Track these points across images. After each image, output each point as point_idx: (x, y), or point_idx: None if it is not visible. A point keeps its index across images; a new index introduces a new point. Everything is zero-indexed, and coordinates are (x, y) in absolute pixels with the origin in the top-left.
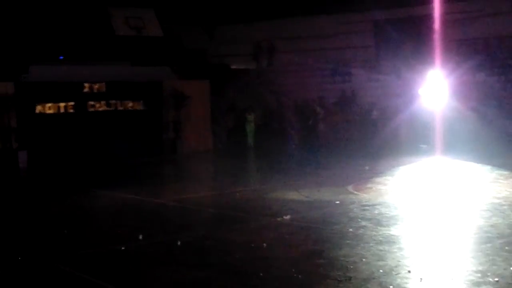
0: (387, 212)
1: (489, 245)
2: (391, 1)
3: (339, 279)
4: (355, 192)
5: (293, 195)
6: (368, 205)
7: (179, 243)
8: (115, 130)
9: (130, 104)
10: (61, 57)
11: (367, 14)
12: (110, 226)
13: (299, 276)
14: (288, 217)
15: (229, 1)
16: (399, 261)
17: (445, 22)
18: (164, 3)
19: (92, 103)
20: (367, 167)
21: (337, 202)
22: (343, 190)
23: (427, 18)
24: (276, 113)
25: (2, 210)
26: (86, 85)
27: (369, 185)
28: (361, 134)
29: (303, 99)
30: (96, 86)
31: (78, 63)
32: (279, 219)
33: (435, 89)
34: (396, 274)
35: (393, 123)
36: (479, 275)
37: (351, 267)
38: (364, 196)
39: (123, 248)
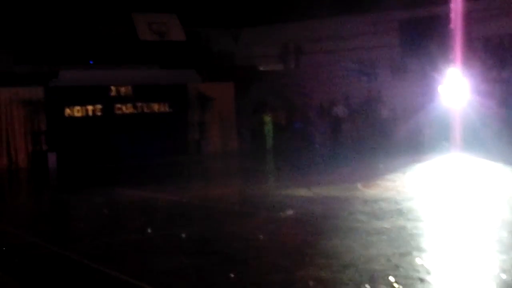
0: (386, 207)
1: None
2: (416, 0)
3: (321, 266)
4: (363, 188)
5: (303, 192)
6: (371, 201)
7: (183, 235)
8: (141, 132)
9: (156, 106)
10: (91, 62)
11: (392, 13)
12: (125, 220)
13: (287, 263)
14: (290, 212)
15: (255, 3)
16: (381, 250)
17: (469, 20)
18: (190, 7)
19: (119, 105)
20: (381, 165)
21: (342, 198)
22: (352, 187)
23: (452, 16)
24: (300, 114)
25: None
26: (113, 88)
27: (378, 182)
28: (383, 133)
29: (328, 99)
30: (122, 90)
31: (105, 68)
32: (281, 214)
33: (459, 87)
34: (375, 262)
35: (416, 121)
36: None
37: (336, 255)
38: (370, 192)
39: (133, 238)
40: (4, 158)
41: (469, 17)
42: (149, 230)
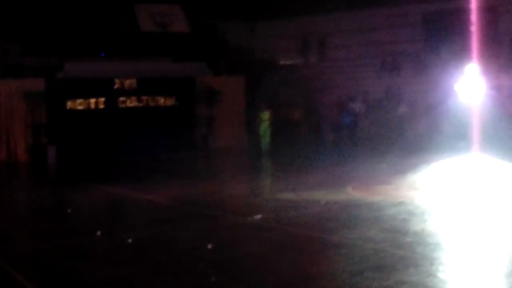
0: (364, 214)
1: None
2: None
3: (250, 283)
4: (352, 192)
5: (286, 194)
6: (352, 206)
7: (130, 240)
8: (146, 126)
9: (162, 100)
10: (103, 54)
11: (416, 6)
12: (83, 221)
13: (213, 278)
14: (259, 216)
15: None
16: (331, 267)
17: (496, 14)
18: None
19: (123, 99)
20: (385, 165)
21: (323, 202)
22: (341, 189)
23: (478, 9)
24: (314, 109)
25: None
26: (117, 81)
27: (371, 185)
28: (398, 130)
29: (346, 94)
30: (127, 82)
31: (113, 60)
32: (249, 218)
33: (480, 84)
34: (316, 281)
35: (433, 119)
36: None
37: (274, 271)
38: (356, 196)
39: (72, 243)
40: (3, 151)
41: (496, 11)
42: (98, 233)
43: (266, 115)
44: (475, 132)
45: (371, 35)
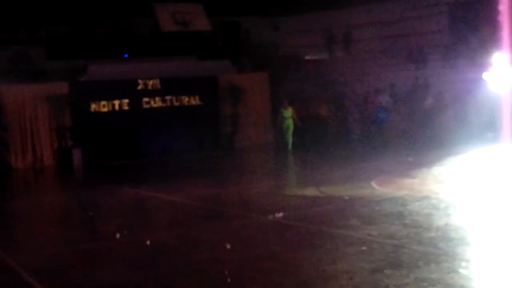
0: (387, 209)
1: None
2: None
3: (268, 285)
4: (376, 186)
5: (309, 190)
6: (375, 201)
7: (149, 242)
8: (170, 126)
9: (186, 99)
10: (126, 55)
11: None
12: (106, 224)
13: (234, 280)
14: (281, 214)
15: None
16: (350, 265)
17: None
18: None
19: (147, 99)
20: (410, 159)
21: (346, 198)
22: (366, 184)
23: None
24: (341, 104)
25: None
26: (140, 81)
27: (396, 179)
28: (425, 122)
29: (373, 88)
30: (150, 83)
31: (134, 61)
32: (270, 217)
33: (510, 73)
34: (334, 280)
35: (461, 110)
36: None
37: (294, 271)
38: (380, 191)
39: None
40: (30, 156)
41: None
42: (117, 236)
43: (288, 112)
44: (504, 123)
45: (397, 27)
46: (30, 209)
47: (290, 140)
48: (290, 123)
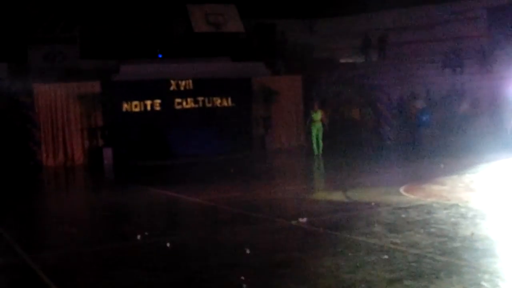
0: (413, 217)
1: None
2: None
3: None
4: (404, 193)
5: (336, 195)
6: (402, 208)
7: (168, 244)
8: (202, 127)
9: (219, 100)
10: (160, 55)
11: (480, 0)
12: (124, 224)
13: (244, 286)
14: (304, 219)
15: None
16: (369, 274)
17: None
18: None
19: (179, 100)
20: (442, 165)
21: (373, 204)
22: (393, 190)
23: None
24: (375, 108)
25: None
26: (173, 82)
27: (425, 185)
28: (461, 128)
29: (409, 92)
30: (183, 83)
31: (168, 61)
32: (293, 222)
33: None
34: None
35: (498, 116)
36: None
37: (311, 280)
38: (408, 198)
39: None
40: (61, 155)
41: None
42: (138, 237)
43: (318, 115)
44: None
45: (434, 31)
46: (53, 208)
47: (320, 144)
48: (319, 126)
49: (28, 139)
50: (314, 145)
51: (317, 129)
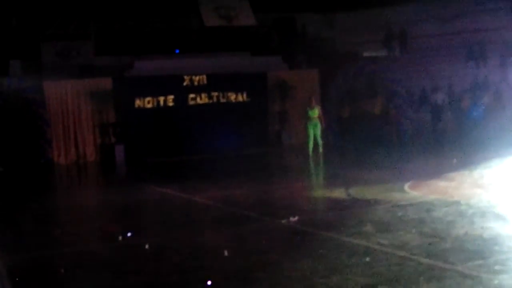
0: (410, 215)
1: None
2: None
3: None
4: (408, 189)
5: (337, 193)
6: (401, 206)
7: (147, 246)
8: (217, 123)
9: (233, 95)
10: (177, 51)
11: None
12: (113, 224)
13: None
14: (295, 218)
15: None
16: (344, 279)
17: None
18: None
19: (192, 96)
20: (455, 160)
21: (372, 201)
22: (398, 187)
23: None
24: (395, 102)
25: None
26: (186, 77)
27: (431, 182)
28: (481, 122)
29: (430, 86)
30: (197, 79)
31: (182, 57)
32: (283, 221)
33: None
34: None
35: None
36: None
37: (283, 284)
38: (410, 195)
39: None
40: (73, 152)
41: None
42: (119, 238)
43: (314, 112)
44: None
45: (456, 24)
46: (50, 207)
47: (319, 142)
48: (316, 124)
49: (39, 136)
50: (310, 146)
51: (314, 127)
